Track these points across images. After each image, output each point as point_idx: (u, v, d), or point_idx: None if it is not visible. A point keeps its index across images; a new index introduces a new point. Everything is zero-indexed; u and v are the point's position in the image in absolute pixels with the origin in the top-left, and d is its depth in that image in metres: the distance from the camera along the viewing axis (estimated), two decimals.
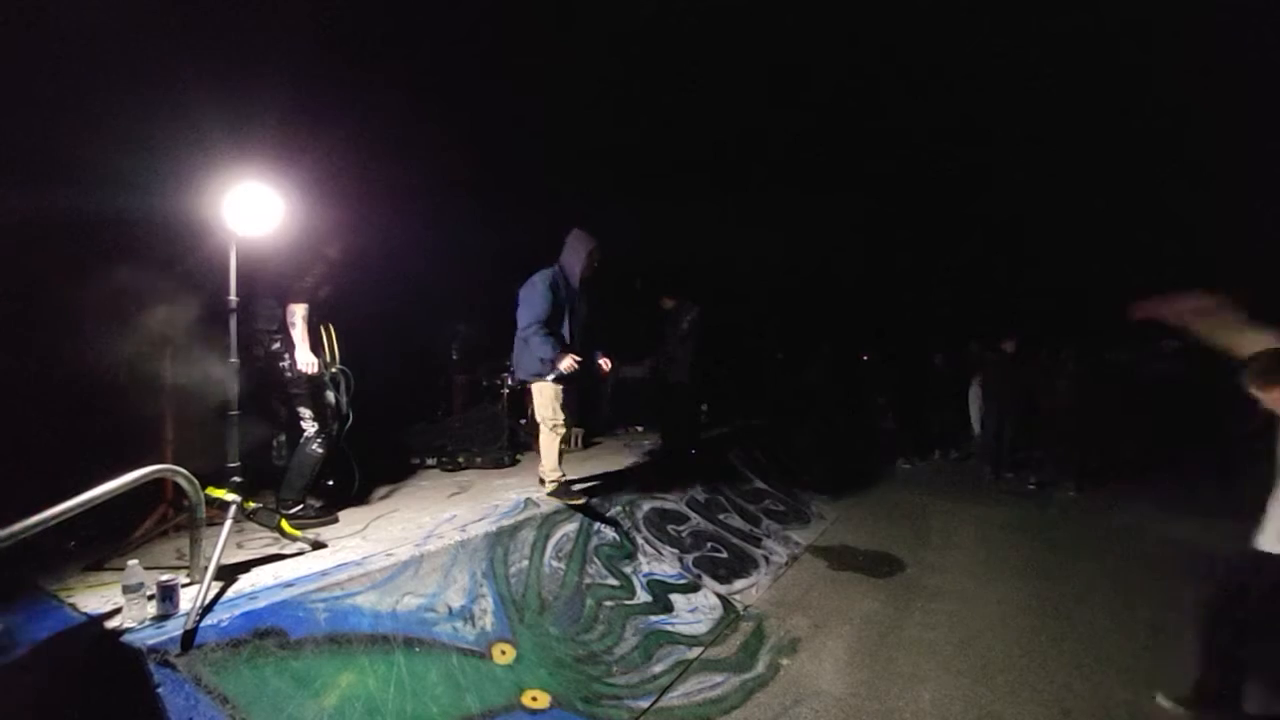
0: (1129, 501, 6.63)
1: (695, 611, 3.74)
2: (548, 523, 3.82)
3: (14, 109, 3.22)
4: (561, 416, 3.96)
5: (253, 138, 3.65)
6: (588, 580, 3.63)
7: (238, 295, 2.90)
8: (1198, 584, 3.08)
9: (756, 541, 4.96)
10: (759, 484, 6.34)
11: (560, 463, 4.07)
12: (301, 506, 3.52)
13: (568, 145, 7.87)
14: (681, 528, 4.71)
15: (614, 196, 8.21)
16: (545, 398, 3.94)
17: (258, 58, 4.26)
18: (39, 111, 3.31)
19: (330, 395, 3.74)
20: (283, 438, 4.13)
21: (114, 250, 3.31)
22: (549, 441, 4.01)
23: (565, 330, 3.97)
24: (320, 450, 3.60)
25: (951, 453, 9.12)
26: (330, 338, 3.78)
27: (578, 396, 4.17)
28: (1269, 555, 2.77)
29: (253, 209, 2.85)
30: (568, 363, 3.80)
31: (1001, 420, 7.57)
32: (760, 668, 3.22)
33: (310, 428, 3.61)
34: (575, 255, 4.12)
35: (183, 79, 3.72)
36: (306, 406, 3.61)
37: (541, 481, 4.18)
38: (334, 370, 3.76)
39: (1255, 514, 2.89)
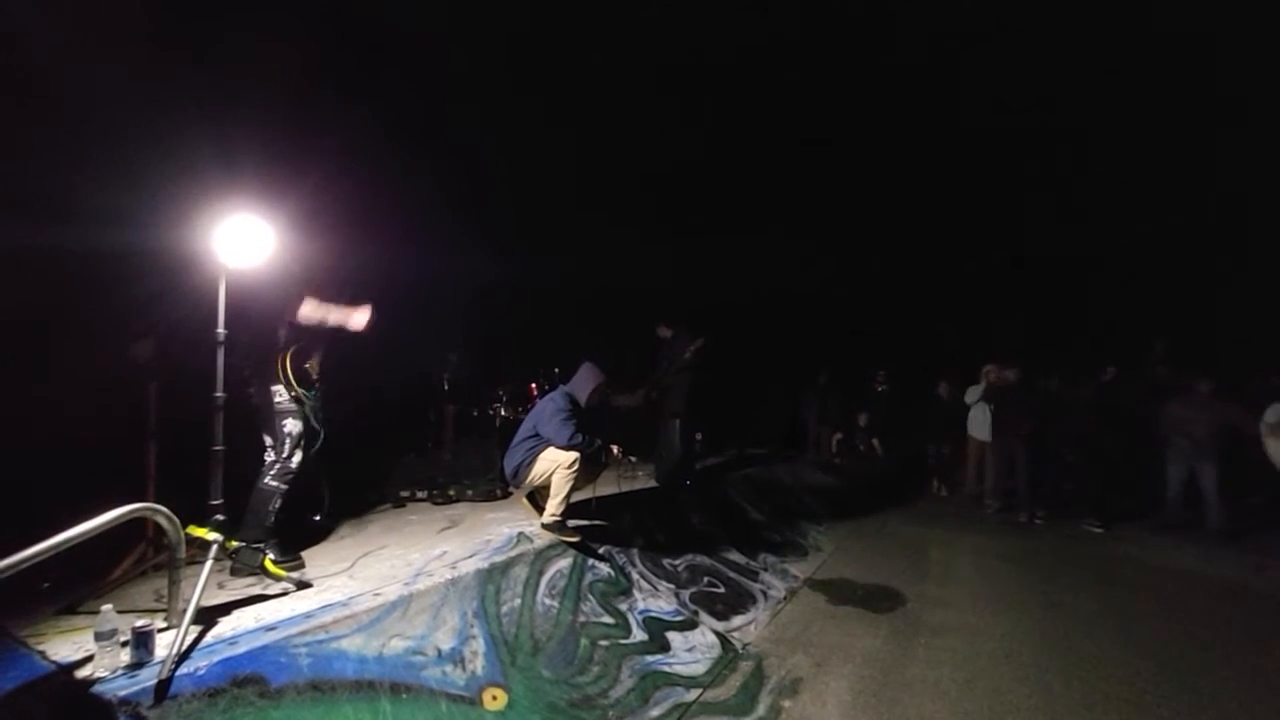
0: (1127, 530, 6.59)
1: (693, 650, 3.62)
2: (540, 558, 3.72)
3: (9, 146, 3.22)
4: (577, 467, 4.04)
5: (242, 172, 3.65)
6: (582, 618, 3.52)
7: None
8: None
9: (754, 575, 4.86)
10: (755, 515, 6.25)
11: (567, 501, 4.03)
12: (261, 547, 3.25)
13: (559, 175, 7.95)
14: (678, 562, 4.60)
15: (607, 224, 8.29)
16: (568, 456, 4.03)
17: (247, 95, 4.30)
18: (34, 150, 3.31)
19: (295, 424, 3.52)
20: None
21: (100, 283, 3.27)
22: (563, 479, 3.98)
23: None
24: (274, 484, 3.40)
25: (942, 490, 8.88)
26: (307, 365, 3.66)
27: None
28: None
29: (243, 241, 2.83)
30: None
31: (1011, 454, 7.32)
32: (761, 710, 3.10)
33: (269, 456, 3.45)
34: (584, 388, 4.36)
35: (175, 117, 3.73)
36: (269, 434, 3.47)
37: (538, 509, 4.12)
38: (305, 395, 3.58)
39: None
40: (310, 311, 3.48)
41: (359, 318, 3.64)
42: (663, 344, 6.36)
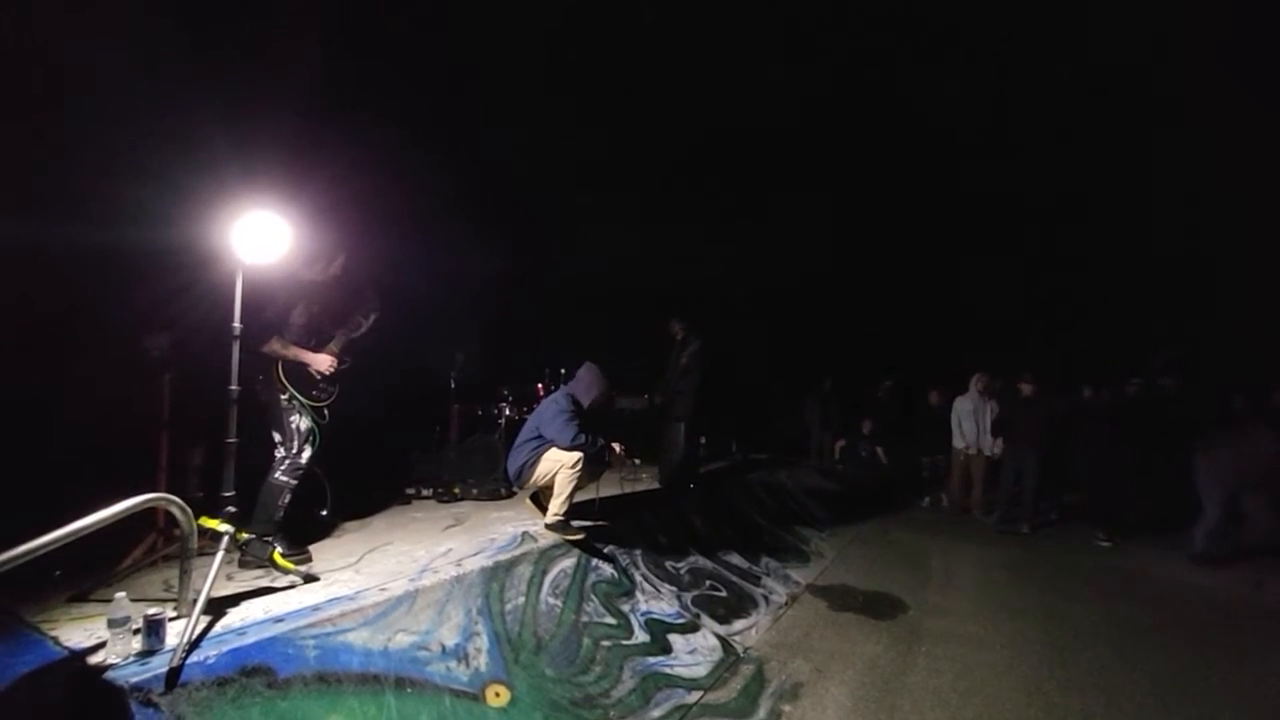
0: (1131, 544, 6.57)
1: (694, 653, 3.64)
2: (544, 558, 3.75)
3: (29, 144, 3.26)
4: (580, 467, 4.06)
5: (258, 169, 3.69)
6: (585, 618, 3.54)
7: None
8: None
9: (756, 580, 4.87)
10: (758, 520, 6.26)
11: (570, 500, 4.06)
12: (270, 540, 3.29)
13: (567, 172, 7.99)
14: (680, 565, 4.62)
15: (614, 222, 8.32)
16: (571, 456, 4.05)
17: (264, 91, 4.35)
18: (52, 147, 3.36)
19: (304, 420, 3.55)
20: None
21: (118, 278, 3.31)
22: (566, 479, 4.01)
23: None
24: (284, 479, 3.44)
25: (943, 500, 8.67)
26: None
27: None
28: None
29: (260, 237, 2.86)
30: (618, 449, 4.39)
31: (1020, 465, 7.21)
32: (762, 714, 3.12)
33: (279, 453, 3.49)
34: (587, 390, 4.37)
35: (192, 114, 3.78)
36: (277, 431, 3.50)
37: (542, 510, 4.14)
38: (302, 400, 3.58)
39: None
40: (277, 349, 3.47)
41: (323, 362, 3.58)
42: (674, 343, 6.37)
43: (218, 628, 2.43)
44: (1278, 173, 9.46)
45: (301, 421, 3.52)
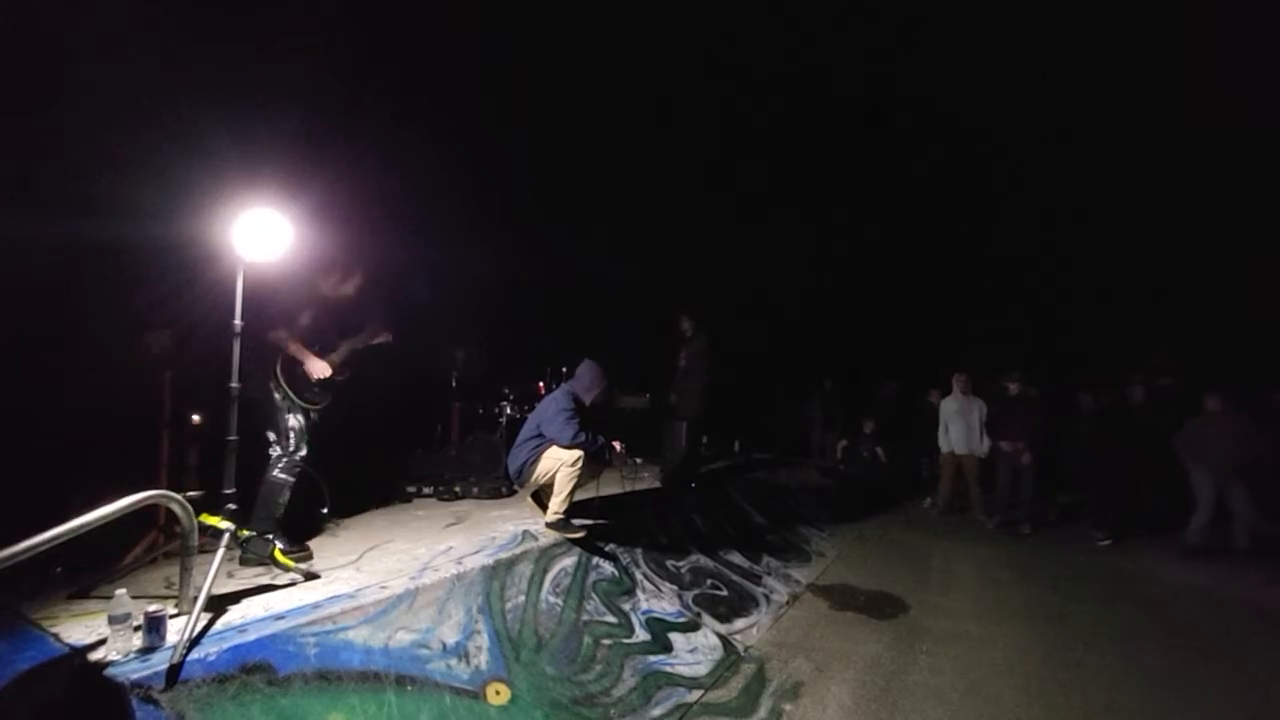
0: (1132, 544, 6.55)
1: (695, 652, 3.63)
2: (545, 556, 3.74)
3: (29, 143, 3.26)
4: (580, 465, 4.05)
5: (260, 168, 3.69)
6: (585, 617, 3.54)
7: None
8: None
9: (757, 579, 4.87)
10: (759, 519, 6.25)
11: (571, 499, 4.06)
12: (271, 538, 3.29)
13: (565, 172, 7.99)
14: (681, 563, 4.62)
15: (617, 222, 8.32)
16: (572, 455, 4.04)
17: (267, 91, 4.34)
18: (55, 143, 3.36)
19: (297, 419, 3.56)
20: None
21: (119, 275, 3.31)
22: (566, 477, 4.00)
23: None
24: (283, 476, 3.46)
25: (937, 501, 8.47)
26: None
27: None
28: None
29: (261, 235, 2.86)
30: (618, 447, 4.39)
31: (1014, 467, 7.21)
32: (763, 713, 3.12)
33: (275, 451, 3.50)
34: (587, 388, 4.35)
35: (195, 112, 3.78)
36: (272, 430, 3.51)
37: (543, 509, 4.14)
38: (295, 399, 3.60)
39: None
40: (284, 337, 3.48)
41: (319, 367, 3.58)
42: (682, 339, 6.34)
43: (218, 625, 2.42)
44: (1278, 173, 9.44)
45: (293, 420, 3.54)
